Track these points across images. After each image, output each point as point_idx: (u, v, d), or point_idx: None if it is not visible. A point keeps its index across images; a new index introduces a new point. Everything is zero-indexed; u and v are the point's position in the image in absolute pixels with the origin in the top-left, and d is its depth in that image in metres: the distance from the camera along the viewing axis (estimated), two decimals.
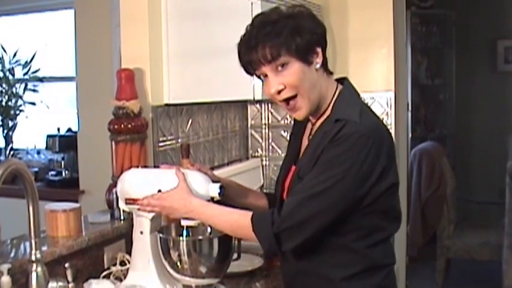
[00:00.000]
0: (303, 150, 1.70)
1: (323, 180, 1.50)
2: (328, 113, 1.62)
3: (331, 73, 1.66)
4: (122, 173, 1.96)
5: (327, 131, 1.56)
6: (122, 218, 2.18)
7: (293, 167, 1.70)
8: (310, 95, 1.57)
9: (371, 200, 1.54)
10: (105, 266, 2.04)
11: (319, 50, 1.58)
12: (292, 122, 1.85)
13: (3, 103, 4.90)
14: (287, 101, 1.59)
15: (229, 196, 1.81)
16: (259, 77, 1.62)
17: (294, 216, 1.51)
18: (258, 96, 2.37)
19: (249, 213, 1.59)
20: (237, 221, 1.62)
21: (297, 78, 1.55)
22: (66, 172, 4.60)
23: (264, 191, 3.23)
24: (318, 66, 1.58)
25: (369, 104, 2.03)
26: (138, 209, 1.79)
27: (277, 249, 1.55)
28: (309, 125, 1.72)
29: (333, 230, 1.56)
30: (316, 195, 1.50)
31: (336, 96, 1.63)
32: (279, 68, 1.55)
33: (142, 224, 1.83)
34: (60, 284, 1.72)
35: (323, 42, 1.60)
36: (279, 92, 1.57)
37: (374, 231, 1.60)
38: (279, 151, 3.26)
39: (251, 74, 1.63)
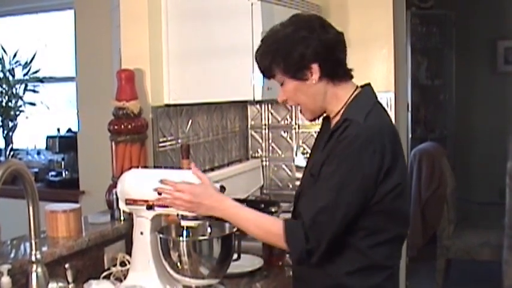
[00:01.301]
0: None
1: (330, 190, 1.55)
2: (340, 114, 1.68)
3: (350, 78, 1.72)
4: (122, 173, 1.96)
5: (334, 130, 1.64)
6: (122, 218, 2.18)
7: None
8: (308, 106, 1.71)
9: (378, 198, 1.58)
10: (105, 267, 2.04)
11: (314, 66, 1.64)
12: (293, 123, 1.92)
13: (3, 104, 4.89)
14: None
15: None
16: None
17: (324, 235, 1.55)
18: (258, 97, 2.37)
19: (281, 222, 1.61)
20: (269, 229, 1.62)
21: (292, 94, 1.69)
22: (66, 173, 4.60)
23: (264, 191, 3.23)
24: (314, 81, 1.65)
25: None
26: (158, 199, 1.74)
27: (307, 262, 1.59)
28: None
29: None
30: (336, 206, 1.55)
31: (350, 99, 1.69)
32: (281, 83, 1.70)
33: (143, 224, 1.83)
34: (60, 284, 1.72)
35: (320, 56, 1.63)
36: (285, 100, 1.72)
37: (377, 232, 1.62)
38: (279, 152, 3.26)
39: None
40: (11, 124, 4.95)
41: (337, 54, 1.68)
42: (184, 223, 1.76)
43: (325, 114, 1.77)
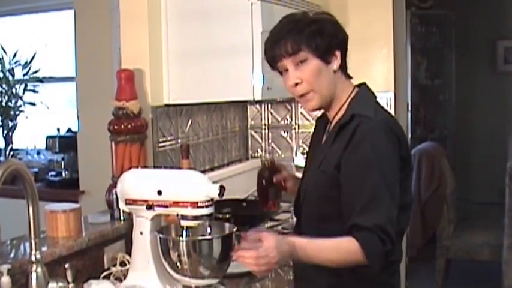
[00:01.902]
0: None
1: (374, 187, 1.56)
2: (342, 111, 1.71)
3: (350, 77, 1.76)
4: (121, 173, 1.96)
5: (343, 125, 1.65)
6: (122, 218, 2.18)
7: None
8: (323, 92, 1.68)
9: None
10: (105, 267, 2.04)
11: (338, 53, 1.69)
12: (293, 123, 1.91)
13: (3, 104, 4.89)
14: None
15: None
16: (280, 72, 1.72)
17: (391, 231, 1.54)
18: (258, 97, 2.37)
19: (351, 238, 1.55)
20: (348, 248, 1.55)
21: (313, 74, 1.66)
22: (66, 172, 4.59)
23: None
24: (335, 67, 1.68)
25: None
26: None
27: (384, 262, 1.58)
28: (331, 123, 1.78)
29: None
30: (390, 206, 1.56)
31: (352, 96, 1.72)
32: (299, 63, 1.66)
33: (142, 224, 1.82)
34: (60, 284, 1.72)
35: (343, 47, 1.71)
36: (296, 85, 1.68)
37: None
38: (279, 151, 3.26)
39: (273, 69, 1.74)
40: (10, 124, 4.95)
41: (347, 51, 1.73)
42: (184, 223, 1.76)
43: (319, 113, 1.82)
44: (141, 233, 1.83)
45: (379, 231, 1.53)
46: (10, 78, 4.94)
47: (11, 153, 4.91)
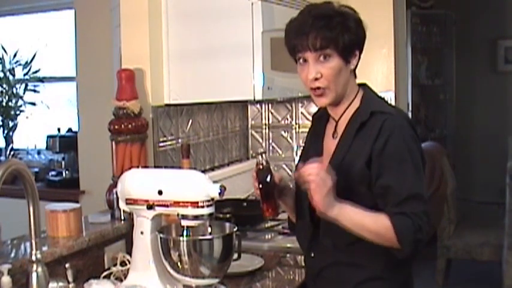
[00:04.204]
0: (328, 148, 1.76)
1: (412, 178, 1.63)
2: (354, 107, 1.72)
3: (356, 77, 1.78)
4: (122, 173, 1.96)
5: (364, 121, 1.67)
6: (122, 218, 2.18)
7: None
8: (338, 89, 1.69)
9: None
10: (106, 266, 2.04)
11: (357, 52, 1.70)
12: (294, 122, 1.90)
13: (4, 103, 4.90)
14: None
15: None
16: (298, 59, 1.70)
17: (429, 220, 1.60)
18: (259, 97, 2.37)
19: (387, 216, 1.58)
20: (383, 223, 1.57)
21: (334, 72, 1.66)
22: (67, 172, 4.60)
23: None
24: (352, 67, 1.70)
25: None
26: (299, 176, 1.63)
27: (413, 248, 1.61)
28: (330, 126, 1.78)
29: None
30: (420, 194, 1.62)
31: (361, 95, 1.74)
32: (321, 58, 1.66)
33: (143, 224, 1.83)
34: (61, 284, 1.72)
35: (362, 46, 1.72)
36: (316, 79, 1.67)
37: None
38: (279, 151, 3.26)
39: (292, 55, 1.73)
40: (11, 124, 4.95)
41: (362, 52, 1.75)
42: (184, 223, 1.76)
43: (315, 110, 1.84)
44: (142, 232, 1.83)
45: (415, 217, 1.57)
46: (10, 78, 4.95)
47: (12, 153, 4.91)
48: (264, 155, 1.79)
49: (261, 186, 1.75)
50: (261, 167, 1.75)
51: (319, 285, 1.78)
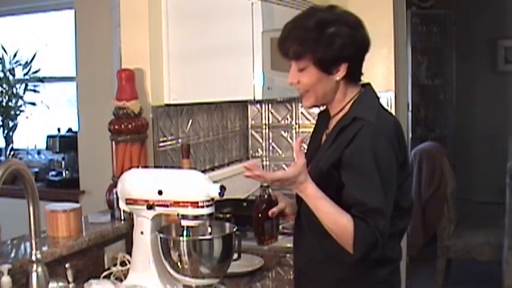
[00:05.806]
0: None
1: (376, 191, 1.57)
2: (345, 111, 1.70)
3: (360, 80, 1.74)
4: (122, 173, 1.96)
5: (344, 126, 1.65)
6: (122, 218, 2.18)
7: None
8: (318, 96, 1.69)
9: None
10: (106, 266, 2.04)
11: (344, 65, 1.65)
12: (294, 122, 1.90)
13: (4, 103, 4.90)
14: None
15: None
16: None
17: (383, 239, 1.57)
18: (258, 97, 2.37)
19: (352, 220, 1.57)
20: (345, 226, 1.57)
21: (311, 82, 1.66)
22: (67, 172, 4.60)
23: None
24: (337, 78, 1.66)
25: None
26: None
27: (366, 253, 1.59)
28: (332, 122, 1.78)
29: None
30: (381, 210, 1.57)
31: (354, 97, 1.71)
32: (300, 66, 1.66)
33: (143, 224, 1.83)
34: (61, 284, 1.72)
35: (353, 58, 1.66)
36: (295, 83, 1.69)
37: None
38: (279, 151, 3.26)
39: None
40: (11, 124, 4.95)
41: (363, 57, 1.71)
42: (184, 223, 1.76)
43: (321, 108, 1.82)
44: (142, 232, 1.83)
45: (376, 230, 1.55)
46: (10, 78, 4.94)
47: (12, 153, 4.91)
48: (267, 190, 1.85)
49: (260, 215, 1.85)
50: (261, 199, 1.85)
51: (303, 281, 1.79)
